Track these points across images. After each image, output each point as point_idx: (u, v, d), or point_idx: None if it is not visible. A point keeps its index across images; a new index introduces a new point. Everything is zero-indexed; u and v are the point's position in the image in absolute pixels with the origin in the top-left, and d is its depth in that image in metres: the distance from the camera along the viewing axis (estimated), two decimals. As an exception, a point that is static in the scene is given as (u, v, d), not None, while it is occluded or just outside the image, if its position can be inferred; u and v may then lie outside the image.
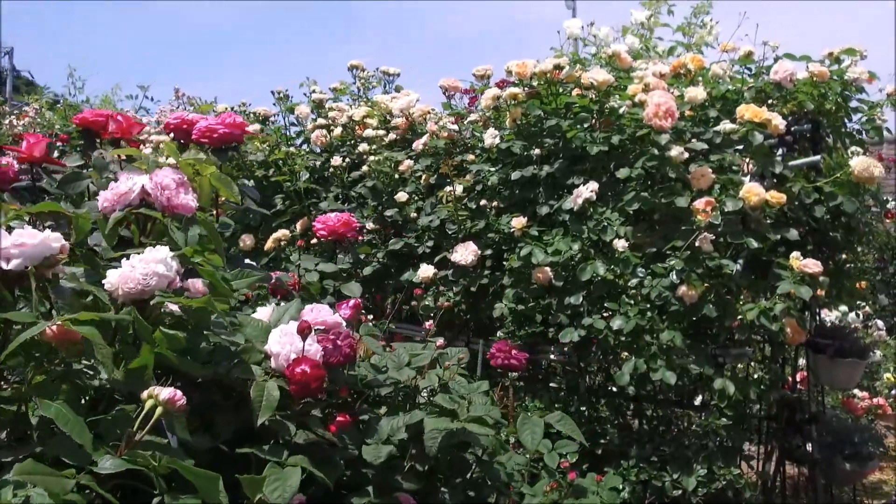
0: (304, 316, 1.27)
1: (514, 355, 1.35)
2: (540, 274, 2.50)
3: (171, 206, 1.15)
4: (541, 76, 2.74)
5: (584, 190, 2.40)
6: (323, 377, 1.06)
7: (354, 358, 1.22)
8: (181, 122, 2.02)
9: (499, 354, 1.34)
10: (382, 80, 4.27)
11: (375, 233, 3.11)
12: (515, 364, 1.35)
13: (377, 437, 1.20)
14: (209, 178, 1.23)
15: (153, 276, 0.99)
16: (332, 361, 1.18)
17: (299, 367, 1.05)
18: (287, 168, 3.41)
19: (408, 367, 1.31)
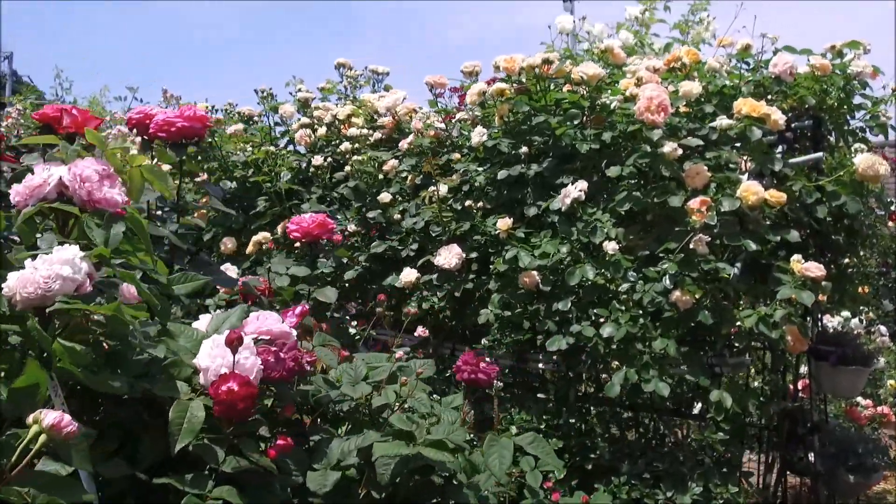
0: (247, 324, 1.14)
1: (483, 369, 1.21)
2: (526, 278, 2.37)
3: (92, 200, 1.02)
4: (529, 71, 2.61)
5: (573, 189, 2.27)
6: (253, 396, 0.92)
7: (303, 371, 1.09)
8: (143, 117, 1.90)
9: (465, 368, 1.21)
10: (371, 80, 4.15)
11: (358, 235, 2.98)
12: (483, 379, 1.21)
13: (326, 461, 1.07)
14: (140, 170, 1.10)
15: (56, 279, 0.86)
16: (274, 376, 1.05)
17: (226, 384, 0.91)
18: (267, 168, 3.28)
19: (364, 382, 1.18)
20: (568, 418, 2.40)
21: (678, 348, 2.05)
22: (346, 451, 1.04)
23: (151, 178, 1.13)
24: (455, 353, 2.90)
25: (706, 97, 2.41)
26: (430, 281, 2.68)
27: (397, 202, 2.93)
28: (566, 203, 2.28)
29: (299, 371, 1.07)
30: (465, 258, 2.55)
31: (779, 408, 2.25)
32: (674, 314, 2.13)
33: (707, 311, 2.06)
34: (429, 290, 2.68)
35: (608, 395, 2.12)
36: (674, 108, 2.38)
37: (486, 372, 1.22)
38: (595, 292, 2.28)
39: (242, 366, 0.99)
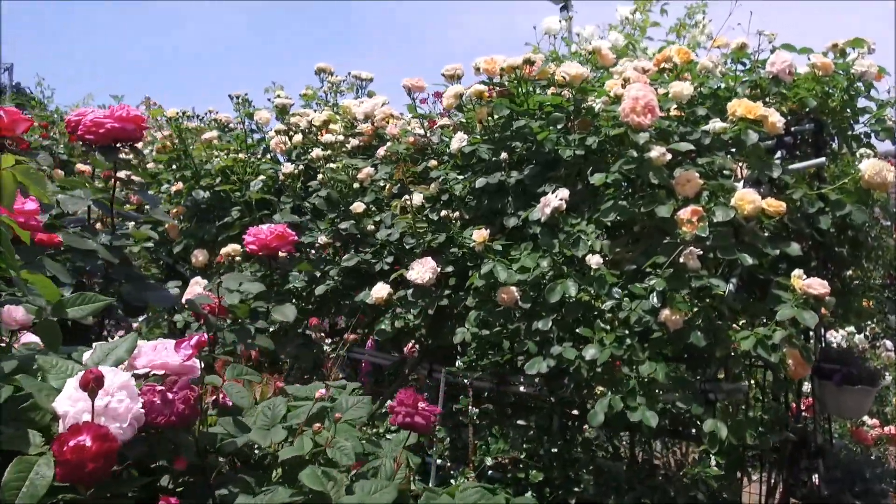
0: (140, 356, 0.95)
1: (421, 411, 1.02)
2: (504, 294, 2.19)
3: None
4: (509, 72, 2.44)
5: (553, 198, 2.08)
6: (110, 454, 0.74)
7: (195, 414, 0.90)
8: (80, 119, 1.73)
9: (399, 410, 1.01)
10: (355, 86, 4.00)
11: (330, 248, 2.80)
12: (421, 424, 1.02)
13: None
14: (12, 173, 0.92)
15: None
16: (160, 422, 0.87)
17: (75, 438, 0.73)
18: (236, 177, 3.11)
19: (280, 425, 0.99)
20: (550, 447, 2.20)
21: (668, 373, 1.86)
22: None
23: (27, 182, 0.95)
24: (433, 374, 2.71)
25: (699, 99, 2.23)
26: (405, 297, 2.50)
27: (372, 212, 2.75)
28: (546, 213, 2.09)
29: (191, 415, 0.88)
30: (439, 272, 2.36)
31: (780, 437, 2.05)
32: (663, 335, 1.94)
33: (699, 331, 1.87)
34: (403, 307, 2.49)
35: (592, 424, 1.92)
36: (664, 111, 2.21)
37: (424, 416, 1.02)
38: (578, 310, 2.09)
39: (114, 411, 0.81)
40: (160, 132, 3.77)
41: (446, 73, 3.02)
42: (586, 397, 2.05)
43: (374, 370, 3.15)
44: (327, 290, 2.77)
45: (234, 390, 1.00)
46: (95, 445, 0.72)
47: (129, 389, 0.84)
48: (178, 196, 3.46)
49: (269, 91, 4.24)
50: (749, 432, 1.83)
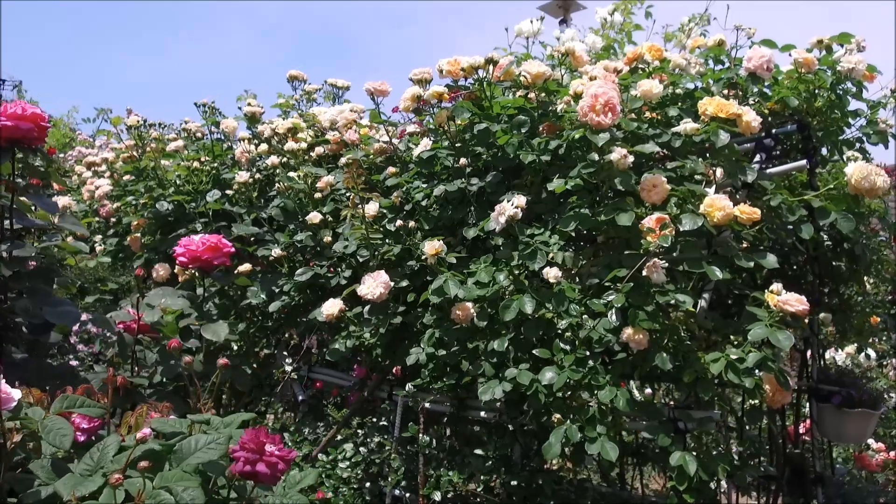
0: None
1: (268, 457, 0.83)
2: (460, 311, 2.01)
3: None
4: (471, 72, 2.28)
5: (508, 206, 1.91)
6: None
7: None
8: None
9: (239, 455, 0.82)
10: (332, 94, 3.85)
11: (285, 260, 2.63)
12: (265, 473, 0.83)
13: None
14: None
15: None
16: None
17: None
18: (191, 187, 2.95)
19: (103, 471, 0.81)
20: (510, 479, 2.00)
21: (629, 399, 1.67)
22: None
23: None
24: (392, 397, 2.52)
25: (670, 99, 2.06)
26: (360, 314, 2.32)
27: (330, 224, 2.58)
28: (500, 222, 1.92)
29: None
30: (395, 287, 2.19)
31: (756, 474, 1.84)
32: (627, 356, 1.75)
33: (666, 353, 1.68)
34: (357, 325, 2.31)
35: (546, 457, 1.73)
36: (633, 112, 2.03)
37: (270, 462, 0.83)
38: (538, 329, 1.90)
39: None
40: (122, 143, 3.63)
41: (414, 76, 2.86)
42: (545, 425, 1.86)
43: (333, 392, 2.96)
44: (282, 305, 2.59)
45: (53, 427, 0.82)
46: None
47: None
48: (144, 208, 3.32)
49: (241, 99, 4.11)
50: (721, 467, 1.63)
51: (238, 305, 2.80)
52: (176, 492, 0.77)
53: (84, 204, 3.87)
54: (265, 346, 2.98)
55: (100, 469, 0.82)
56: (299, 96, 3.67)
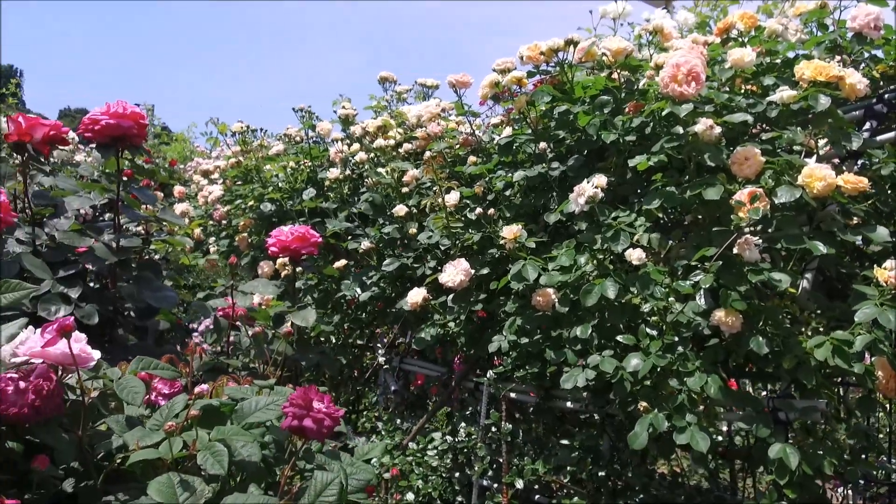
0: (27, 342, 0.86)
1: (315, 413, 0.84)
2: (540, 297, 1.97)
3: None
4: (550, 56, 2.23)
5: (587, 187, 1.85)
6: None
7: (56, 407, 0.79)
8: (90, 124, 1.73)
9: (289, 411, 0.84)
10: (422, 94, 3.91)
11: (374, 252, 2.69)
12: (311, 429, 0.83)
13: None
14: None
15: None
16: (12, 413, 0.76)
17: None
18: (288, 185, 3.09)
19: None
20: (597, 471, 1.93)
21: (722, 387, 1.56)
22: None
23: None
24: (479, 388, 2.51)
25: (766, 68, 1.91)
26: (444, 302, 2.33)
27: (416, 216, 2.62)
28: (580, 203, 1.86)
29: (48, 408, 0.77)
30: (473, 275, 2.18)
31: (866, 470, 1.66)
32: (721, 341, 1.64)
33: (762, 336, 1.55)
34: (441, 314, 2.32)
35: (631, 447, 1.65)
36: (725, 83, 1.91)
37: (316, 419, 0.84)
38: (622, 315, 1.83)
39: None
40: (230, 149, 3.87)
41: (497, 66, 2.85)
42: (633, 414, 1.77)
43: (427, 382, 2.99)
44: (372, 297, 2.66)
45: (127, 385, 0.89)
46: None
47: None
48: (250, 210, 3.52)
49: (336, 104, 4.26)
50: (828, 461, 1.48)
51: (333, 298, 2.91)
52: (234, 447, 0.80)
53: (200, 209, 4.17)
54: (359, 338, 3.07)
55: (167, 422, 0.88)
56: (390, 97, 3.75)
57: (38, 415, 0.77)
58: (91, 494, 0.85)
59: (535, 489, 2.16)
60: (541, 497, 2.17)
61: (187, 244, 2.24)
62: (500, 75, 2.31)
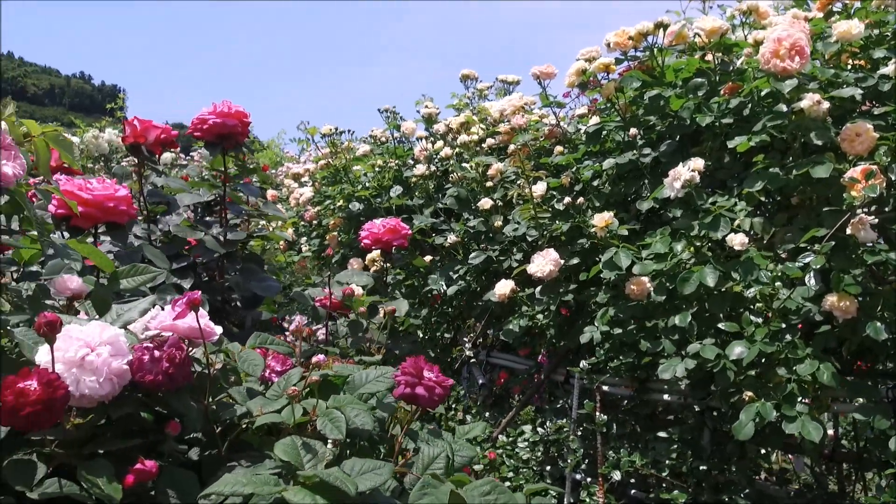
0: (155, 318, 0.93)
1: (427, 382, 0.85)
2: (635, 286, 1.92)
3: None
4: (639, 40, 2.19)
5: (683, 170, 1.79)
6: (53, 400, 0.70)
7: (186, 376, 0.85)
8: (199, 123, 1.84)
9: (401, 379, 0.86)
10: (502, 90, 3.92)
11: (460, 246, 2.71)
12: (423, 396, 0.85)
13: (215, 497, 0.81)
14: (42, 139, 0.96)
15: None
16: (149, 380, 0.82)
17: (23, 382, 0.70)
18: (376, 183, 3.17)
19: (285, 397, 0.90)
20: (698, 465, 1.87)
21: (835, 374, 1.47)
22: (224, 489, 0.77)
23: (58, 148, 0.99)
24: (569, 381, 2.48)
25: (876, 40, 1.79)
26: (532, 294, 2.32)
27: (501, 209, 2.62)
28: (676, 188, 1.81)
29: (180, 376, 0.83)
30: (562, 265, 2.15)
31: None
32: (833, 327, 1.55)
33: (880, 322, 1.46)
34: (529, 306, 2.31)
35: (739, 437, 1.59)
36: (831, 59, 1.81)
37: (428, 386, 0.85)
38: (723, 302, 1.76)
39: (90, 364, 0.78)
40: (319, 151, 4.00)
41: (582, 56, 2.82)
42: (735, 405, 1.70)
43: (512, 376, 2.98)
44: (459, 290, 2.68)
45: (249, 358, 0.94)
46: (39, 391, 0.69)
47: (115, 345, 0.81)
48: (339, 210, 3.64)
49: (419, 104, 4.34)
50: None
51: (420, 293, 2.96)
52: (348, 415, 0.83)
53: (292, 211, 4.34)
54: (446, 332, 3.10)
55: (285, 393, 0.92)
56: (471, 94, 3.78)
57: (171, 382, 0.82)
58: (215, 462, 0.90)
59: (631, 483, 2.11)
60: (637, 491, 2.12)
61: (286, 238, 2.33)
62: (586, 63, 2.28)
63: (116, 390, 0.80)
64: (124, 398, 0.82)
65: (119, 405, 0.81)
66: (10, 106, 0.93)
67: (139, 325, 0.94)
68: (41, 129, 0.96)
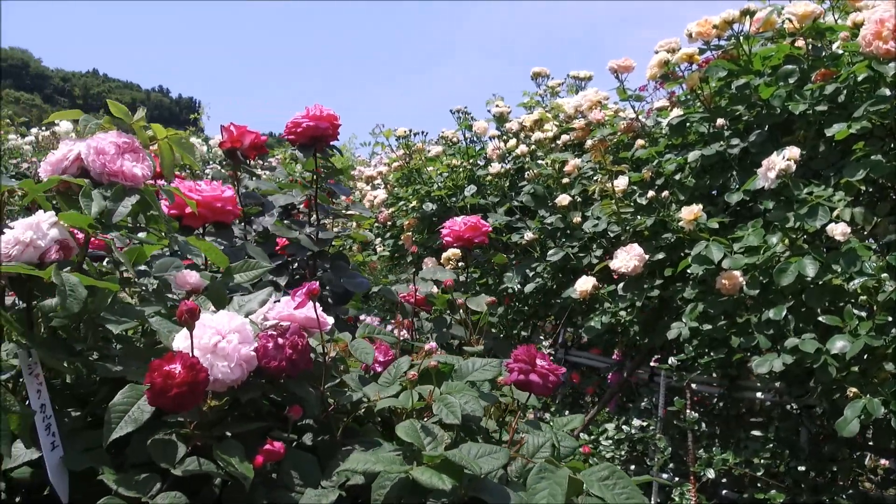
0: (273, 309, 0.98)
1: (539, 368, 0.86)
2: (726, 280, 1.87)
3: (106, 172, 0.96)
4: (724, 28, 2.13)
5: (778, 159, 1.73)
6: (196, 384, 0.74)
7: (306, 362, 0.89)
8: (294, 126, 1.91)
9: (513, 367, 0.87)
10: (574, 86, 3.89)
11: (537, 244, 2.71)
12: (537, 383, 0.86)
13: (336, 478, 0.84)
14: (167, 142, 1.03)
15: (15, 244, 0.79)
16: (273, 366, 0.86)
17: (169, 365, 0.75)
18: (451, 183, 3.20)
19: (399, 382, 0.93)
20: (796, 465, 1.80)
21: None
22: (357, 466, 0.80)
23: (180, 151, 1.05)
24: (654, 379, 2.44)
25: None
26: (614, 290, 2.29)
27: (579, 205, 2.60)
28: (770, 178, 1.75)
29: (301, 362, 0.87)
30: (647, 260, 2.12)
31: None
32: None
33: None
34: (612, 302, 2.29)
35: (843, 434, 1.52)
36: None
37: (542, 373, 0.86)
38: (822, 295, 1.69)
39: (222, 350, 0.83)
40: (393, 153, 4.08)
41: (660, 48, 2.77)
42: (836, 403, 1.63)
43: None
44: (536, 288, 2.68)
45: (359, 346, 0.97)
46: (182, 374, 0.74)
47: (243, 333, 0.86)
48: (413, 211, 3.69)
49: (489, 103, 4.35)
50: None
51: (496, 291, 2.97)
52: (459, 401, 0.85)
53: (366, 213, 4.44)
54: (522, 330, 3.10)
55: (397, 380, 0.95)
56: (543, 91, 3.76)
57: (293, 368, 0.87)
58: (330, 447, 0.93)
59: (722, 483, 2.05)
60: (729, 492, 2.06)
61: (369, 238, 2.39)
62: (669, 54, 2.24)
63: (244, 376, 0.84)
64: (250, 383, 0.87)
65: (246, 390, 0.86)
66: (139, 112, 1.00)
67: (257, 316, 0.99)
68: (165, 133, 1.03)
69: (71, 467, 0.80)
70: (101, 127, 1.00)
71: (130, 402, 0.77)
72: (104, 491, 0.81)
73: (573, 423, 1.15)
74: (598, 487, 0.75)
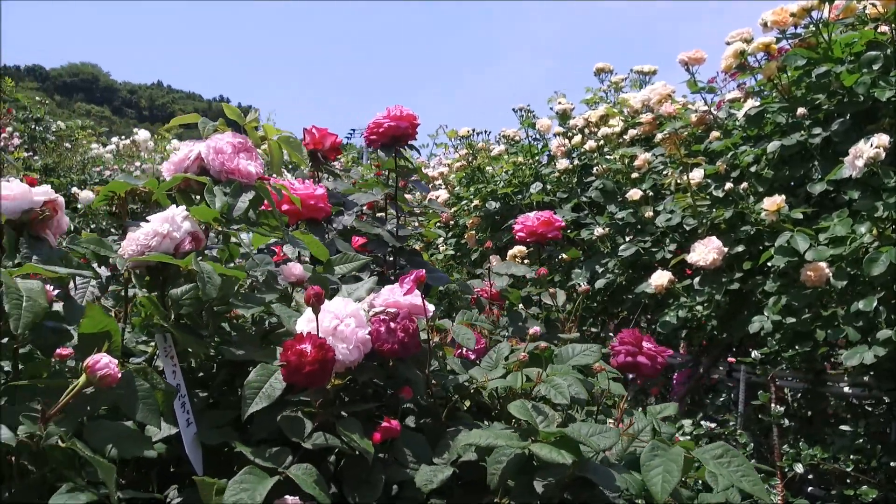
0: (378, 296, 1.03)
1: (646, 351, 0.88)
2: (811, 272, 1.84)
3: (225, 170, 1.03)
4: (801, 15, 2.09)
5: (867, 147, 1.69)
6: (325, 361, 0.79)
7: (416, 346, 0.93)
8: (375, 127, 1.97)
9: (620, 349, 0.89)
10: (638, 81, 3.86)
11: (607, 239, 2.70)
12: (645, 364, 0.87)
13: (448, 456, 0.88)
14: (276, 142, 1.09)
15: (154, 236, 0.87)
16: (385, 348, 0.91)
17: (300, 345, 0.80)
18: (517, 180, 3.22)
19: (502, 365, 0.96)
20: (888, 461, 1.75)
21: None
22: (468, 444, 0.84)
23: (288, 149, 1.11)
24: (732, 373, 2.40)
25: None
26: (690, 285, 2.27)
27: (650, 199, 2.58)
28: (858, 166, 1.71)
29: (412, 345, 0.91)
30: (728, 253, 2.09)
31: None
32: None
33: None
34: (688, 296, 2.26)
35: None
36: None
37: (649, 355, 0.88)
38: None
39: (341, 333, 0.88)
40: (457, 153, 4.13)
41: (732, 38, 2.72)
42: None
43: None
44: (607, 284, 2.67)
45: (461, 332, 1.01)
46: (313, 352, 0.79)
47: (358, 318, 0.91)
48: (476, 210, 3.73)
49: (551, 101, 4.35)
50: None
51: (563, 287, 2.97)
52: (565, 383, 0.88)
53: (428, 213, 4.51)
54: (592, 326, 3.09)
55: (499, 364, 0.99)
56: (606, 87, 3.74)
57: (404, 351, 0.91)
58: (435, 429, 0.98)
59: (808, 479, 2.01)
60: (815, 489, 2.01)
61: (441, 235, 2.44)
62: (744, 44, 2.21)
63: (360, 357, 0.89)
64: (365, 365, 0.92)
65: (362, 371, 0.91)
66: (251, 113, 1.07)
67: (366, 302, 1.04)
68: (276, 132, 1.09)
69: (206, 441, 0.86)
70: (216, 129, 1.08)
71: (263, 380, 0.83)
72: (228, 464, 0.87)
73: (668, 411, 1.15)
74: (713, 465, 0.76)
